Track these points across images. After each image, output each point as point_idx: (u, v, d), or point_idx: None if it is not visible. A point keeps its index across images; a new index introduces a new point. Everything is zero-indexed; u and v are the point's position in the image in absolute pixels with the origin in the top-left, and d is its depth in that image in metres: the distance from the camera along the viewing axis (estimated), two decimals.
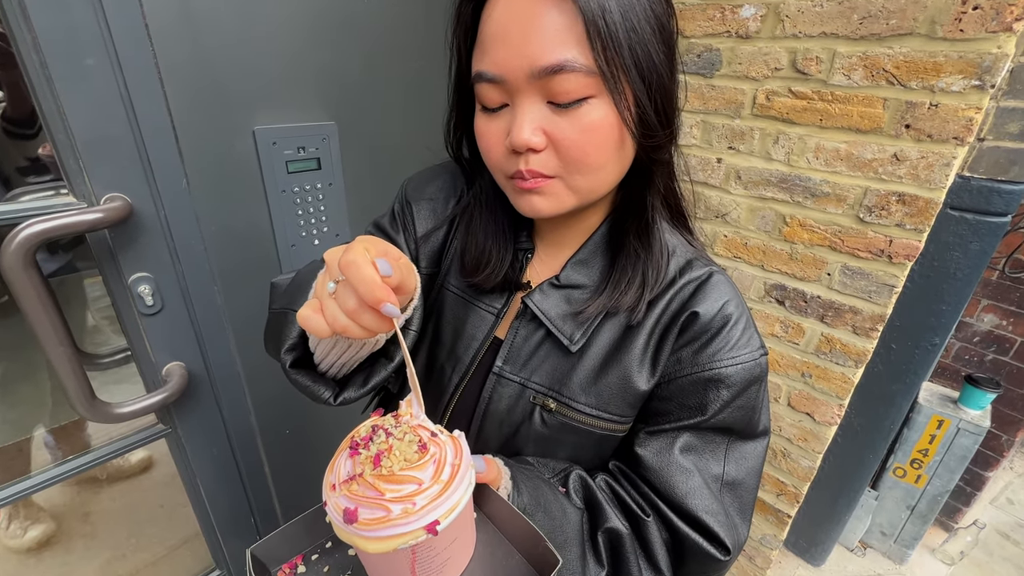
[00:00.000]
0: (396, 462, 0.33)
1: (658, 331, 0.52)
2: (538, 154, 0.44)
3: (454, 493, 0.33)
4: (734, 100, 1.10)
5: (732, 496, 0.51)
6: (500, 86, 0.43)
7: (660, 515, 0.50)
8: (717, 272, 0.53)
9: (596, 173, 0.46)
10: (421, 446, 0.35)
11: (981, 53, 0.81)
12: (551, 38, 0.39)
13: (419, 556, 0.34)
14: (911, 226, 0.95)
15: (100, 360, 1.12)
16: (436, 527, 0.32)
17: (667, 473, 0.50)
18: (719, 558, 0.48)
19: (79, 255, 1.54)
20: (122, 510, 1.68)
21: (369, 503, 0.32)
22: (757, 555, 1.44)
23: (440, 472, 0.34)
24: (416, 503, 0.32)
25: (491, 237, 0.56)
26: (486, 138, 0.47)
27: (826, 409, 1.18)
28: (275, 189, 0.93)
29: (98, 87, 0.69)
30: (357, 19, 0.94)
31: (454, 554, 0.37)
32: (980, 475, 1.88)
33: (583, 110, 0.42)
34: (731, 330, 0.50)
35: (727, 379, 0.49)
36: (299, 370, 0.46)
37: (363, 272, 0.33)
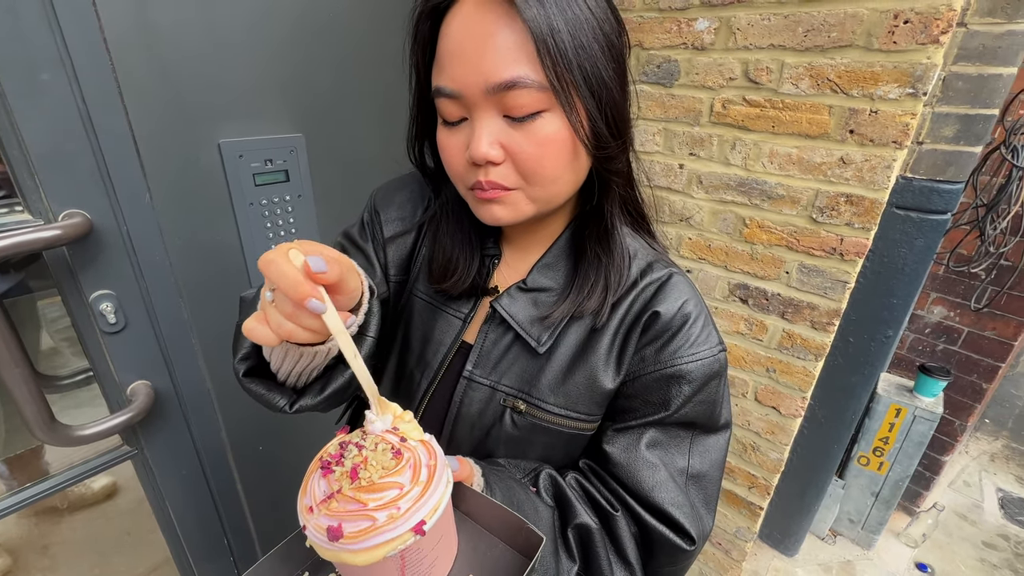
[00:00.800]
0: (375, 471, 0.34)
1: (622, 331, 0.53)
2: (497, 167, 0.46)
3: (435, 492, 0.34)
4: (693, 108, 1.15)
5: (697, 488, 0.53)
6: (458, 101, 0.45)
7: (628, 509, 0.52)
8: (676, 273, 0.55)
9: (553, 184, 0.48)
10: (395, 452, 0.35)
11: (913, 63, 0.88)
12: (504, 56, 0.41)
13: (408, 560, 0.34)
14: (859, 225, 1.01)
15: (59, 382, 1.07)
16: (423, 527, 0.32)
17: (634, 468, 0.52)
18: (685, 548, 0.51)
19: (32, 274, 1.47)
20: (84, 540, 1.61)
21: (353, 516, 0.32)
22: (732, 548, 1.48)
23: (418, 475, 0.34)
24: (400, 507, 0.32)
25: (457, 244, 0.57)
26: (447, 151, 0.48)
27: (790, 402, 1.23)
28: (243, 202, 0.92)
29: (54, 102, 0.67)
30: (322, 31, 0.94)
31: (440, 554, 0.38)
32: (937, 460, 1.98)
33: (537, 124, 0.44)
34: (690, 328, 0.52)
35: (688, 375, 0.51)
36: (253, 379, 0.46)
37: (282, 269, 0.32)
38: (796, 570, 1.82)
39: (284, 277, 0.32)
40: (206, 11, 0.79)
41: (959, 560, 1.90)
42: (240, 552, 1.14)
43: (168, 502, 0.97)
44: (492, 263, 0.58)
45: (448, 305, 0.58)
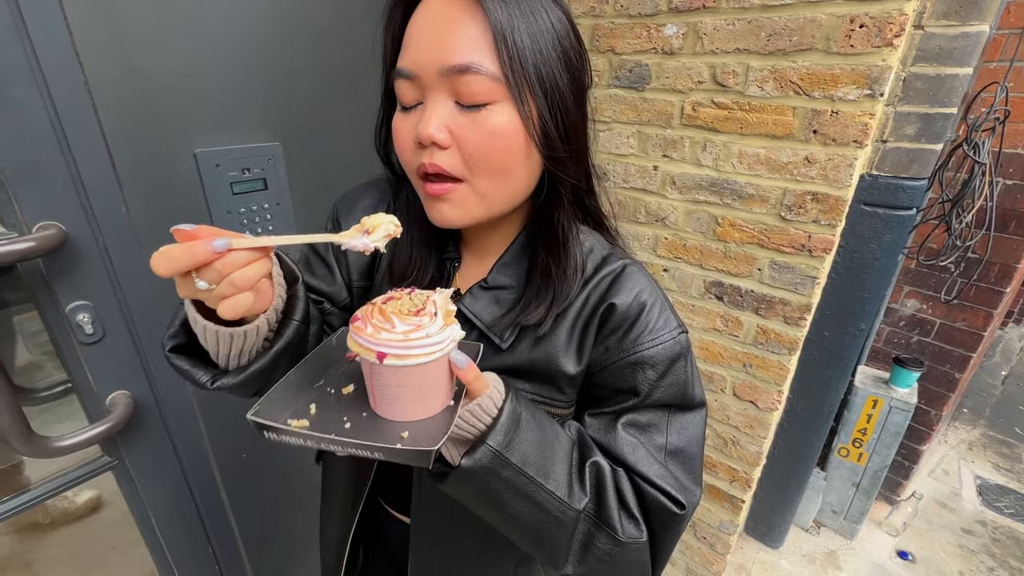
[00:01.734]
0: (394, 307, 0.43)
1: (580, 323, 0.55)
2: (443, 151, 0.47)
3: (409, 351, 0.40)
4: (664, 111, 1.18)
5: (676, 462, 0.55)
6: (414, 83, 0.46)
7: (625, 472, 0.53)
8: (630, 264, 0.57)
9: (501, 179, 0.49)
10: (417, 311, 0.43)
11: (869, 65, 0.91)
12: (462, 42, 0.44)
13: (374, 375, 0.43)
14: (826, 222, 1.05)
15: (37, 394, 1.07)
16: (382, 359, 0.40)
17: (615, 447, 0.53)
18: (676, 512, 0.52)
19: (6, 287, 1.46)
20: (69, 555, 1.58)
21: (365, 319, 0.42)
22: (716, 542, 1.51)
23: (411, 332, 0.41)
24: (380, 335, 0.41)
25: (416, 247, 0.59)
26: (399, 134, 0.50)
27: (767, 396, 1.26)
28: (220, 210, 0.93)
29: (26, 115, 0.68)
30: (297, 39, 0.96)
31: (401, 399, 0.44)
32: (915, 449, 2.03)
33: (486, 113, 0.45)
34: (647, 315, 0.53)
35: (650, 359, 0.53)
36: (178, 355, 0.46)
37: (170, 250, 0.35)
38: (781, 562, 1.85)
39: (178, 255, 0.35)
40: (179, 22, 0.80)
41: (939, 547, 1.95)
42: (226, 561, 1.14)
43: (151, 512, 0.97)
44: (453, 266, 0.60)
45: None
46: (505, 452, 0.44)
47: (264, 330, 0.45)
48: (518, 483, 0.45)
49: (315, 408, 0.45)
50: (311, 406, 0.46)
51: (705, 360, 1.33)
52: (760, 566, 1.83)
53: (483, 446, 0.44)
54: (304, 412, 0.45)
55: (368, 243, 0.43)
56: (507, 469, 0.45)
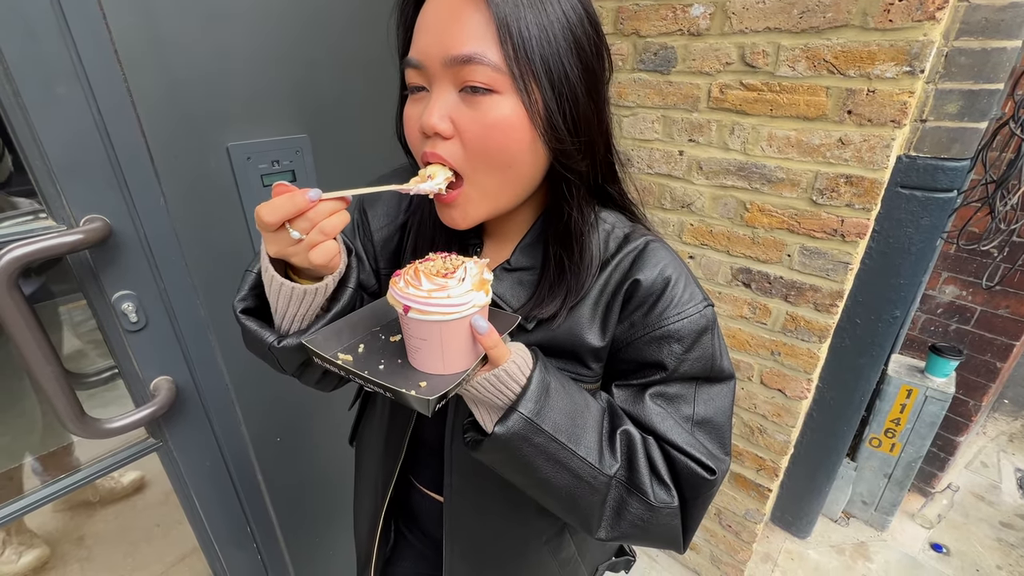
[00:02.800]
0: (427, 267, 0.47)
1: (603, 300, 0.55)
2: (445, 142, 0.47)
3: (430, 308, 0.44)
4: (691, 95, 1.15)
5: (703, 432, 0.55)
6: (421, 72, 0.47)
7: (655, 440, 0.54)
8: (653, 240, 0.56)
9: (502, 172, 0.49)
10: (446, 274, 0.46)
11: (909, 41, 0.88)
12: (466, 32, 0.44)
13: (402, 324, 0.48)
14: (860, 205, 1.01)
15: (86, 379, 1.13)
16: (407, 311, 0.44)
17: (644, 417, 0.54)
18: (707, 477, 0.52)
19: (52, 279, 1.54)
20: (117, 532, 1.68)
21: (401, 275, 0.47)
22: (743, 530, 1.50)
23: (435, 292, 0.44)
24: (408, 290, 0.45)
25: (439, 234, 0.60)
26: (407, 122, 0.51)
27: (796, 384, 1.24)
28: (252, 202, 0.96)
29: (71, 113, 0.71)
30: (322, 32, 0.97)
31: (423, 351, 0.47)
32: (952, 440, 1.97)
33: (490, 104, 0.45)
34: (672, 290, 0.53)
35: (676, 333, 0.53)
36: (249, 316, 0.51)
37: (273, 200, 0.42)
38: (809, 552, 1.83)
39: (281, 203, 0.42)
40: (210, 21, 0.82)
41: (975, 540, 1.89)
42: (263, 539, 1.19)
43: (193, 492, 1.02)
44: (475, 251, 0.61)
45: None
46: (536, 419, 0.46)
47: (329, 290, 0.49)
48: (550, 449, 0.47)
49: (363, 348, 0.51)
50: (360, 346, 0.51)
51: (732, 348, 1.32)
52: (787, 555, 1.81)
53: (515, 413, 0.45)
54: (353, 350, 0.50)
55: (432, 187, 0.48)
56: (539, 436, 0.46)
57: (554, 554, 0.67)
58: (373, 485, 0.73)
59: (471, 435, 0.50)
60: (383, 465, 0.70)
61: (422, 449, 0.67)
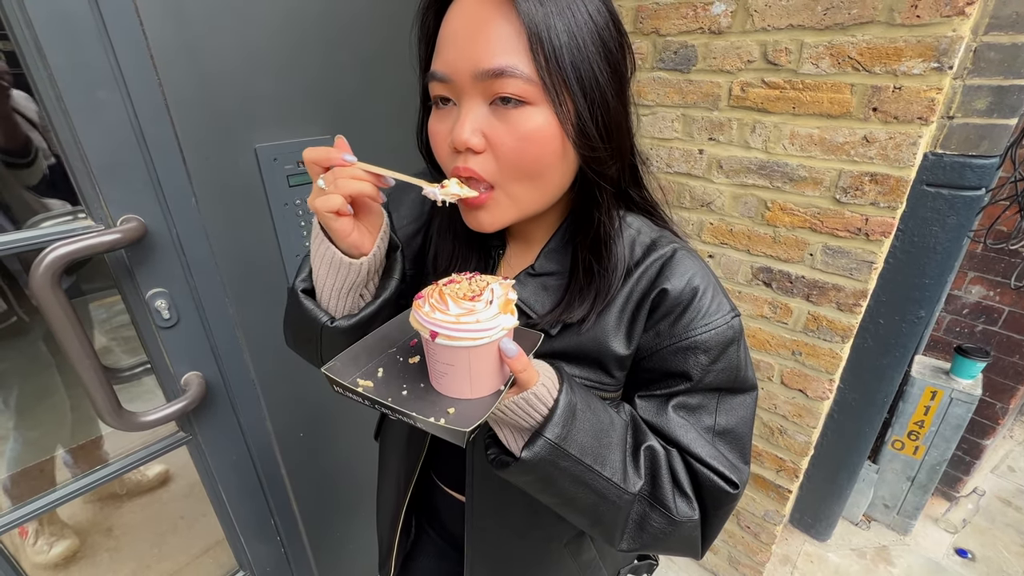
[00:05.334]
0: (452, 290, 0.46)
1: (630, 307, 0.54)
2: (477, 155, 0.47)
3: (458, 333, 0.43)
4: (711, 93, 1.15)
5: (724, 442, 0.55)
6: (449, 86, 0.46)
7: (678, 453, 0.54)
8: (680, 248, 0.55)
9: (534, 182, 0.48)
10: (472, 297, 0.45)
11: (938, 37, 0.86)
12: (496, 44, 0.43)
13: (428, 350, 0.47)
14: (885, 204, 1.00)
15: (120, 374, 1.17)
16: (434, 337, 0.43)
17: (667, 428, 0.54)
18: (729, 491, 0.52)
19: (83, 278, 1.58)
20: (144, 523, 1.73)
21: (425, 298, 0.46)
22: (761, 531, 1.49)
23: (463, 316, 0.43)
24: (436, 315, 0.44)
25: (460, 239, 0.60)
26: (435, 137, 0.50)
27: (817, 385, 1.22)
28: (278, 203, 0.98)
29: (110, 117, 0.73)
30: (346, 35, 0.99)
31: (450, 376, 0.46)
32: (978, 444, 1.92)
33: (522, 116, 0.44)
34: (700, 300, 0.52)
35: (703, 344, 0.52)
36: (307, 296, 0.54)
37: (318, 149, 0.47)
38: (829, 555, 1.81)
39: (320, 150, 0.47)
40: (241, 29, 0.85)
41: (1002, 546, 1.85)
42: (286, 532, 1.21)
43: (220, 485, 1.05)
44: (498, 254, 0.61)
45: None
46: (563, 444, 0.45)
47: (364, 272, 0.51)
48: (576, 472, 0.46)
49: (382, 372, 0.49)
50: (379, 370, 0.49)
51: (752, 348, 1.31)
52: (806, 558, 1.79)
53: (541, 439, 0.44)
54: (372, 375, 0.49)
55: (437, 194, 0.48)
56: (565, 459, 0.46)
57: (574, 556, 0.67)
58: (395, 480, 0.74)
59: (494, 453, 0.49)
60: (405, 461, 0.70)
61: (444, 448, 0.67)
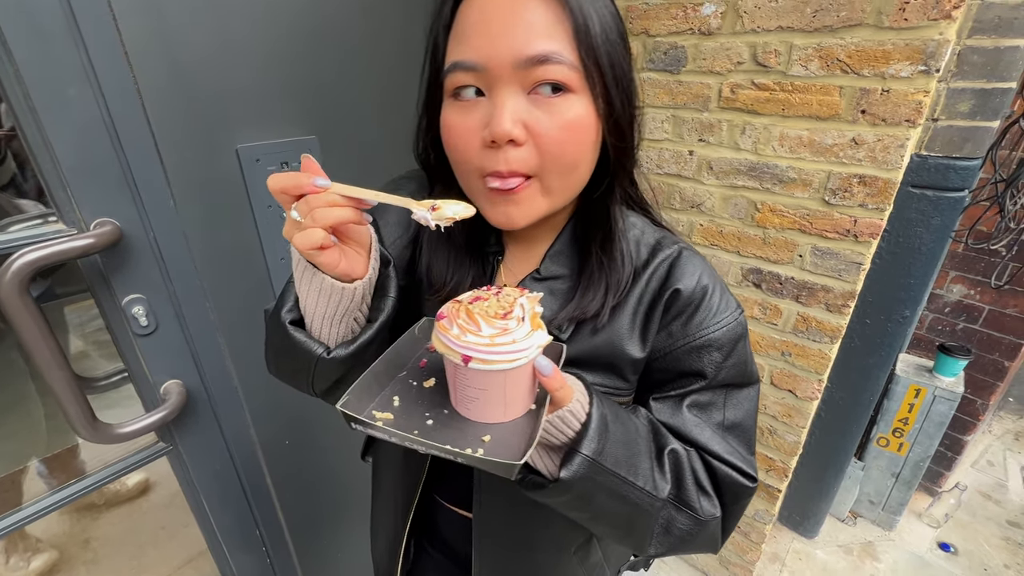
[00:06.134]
0: (481, 308, 0.43)
1: (642, 308, 0.55)
2: (518, 149, 0.44)
3: (493, 355, 0.40)
4: (701, 94, 1.14)
5: (734, 436, 0.56)
6: (479, 75, 0.43)
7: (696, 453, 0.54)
8: (685, 249, 0.56)
9: (570, 173, 0.47)
10: (504, 315, 0.43)
11: (925, 40, 0.87)
12: (537, 30, 0.41)
13: (457, 375, 0.44)
14: (873, 205, 1.01)
15: (95, 383, 1.12)
16: (467, 362, 0.40)
17: (684, 428, 0.54)
18: (748, 485, 0.53)
19: (57, 281, 1.53)
20: (123, 534, 1.68)
21: (451, 318, 0.43)
22: (752, 531, 1.50)
23: (497, 336, 0.41)
24: (466, 337, 0.41)
25: (455, 246, 0.57)
26: (457, 132, 0.46)
27: (807, 385, 1.23)
28: (261, 204, 0.95)
29: (81, 116, 0.70)
30: (331, 33, 0.96)
31: (482, 401, 0.44)
32: (959, 439, 1.96)
33: (563, 105, 0.43)
34: (711, 299, 0.54)
35: (716, 342, 0.53)
36: (297, 328, 0.48)
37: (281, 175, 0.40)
38: (817, 552, 1.83)
39: (286, 177, 0.40)
40: (219, 23, 0.82)
41: (983, 539, 1.89)
42: (272, 541, 1.18)
43: (203, 496, 1.01)
44: (496, 260, 0.59)
45: None
46: (599, 459, 0.44)
47: (359, 296, 0.47)
48: (612, 485, 0.46)
49: (398, 400, 0.46)
50: (394, 398, 0.46)
51: None
52: (794, 555, 1.81)
53: (579, 456, 0.43)
54: (388, 404, 0.45)
55: (429, 219, 0.43)
56: (602, 474, 0.45)
57: (582, 562, 0.66)
58: (392, 503, 0.71)
59: (523, 474, 0.47)
60: (403, 483, 0.67)
61: (449, 467, 0.64)
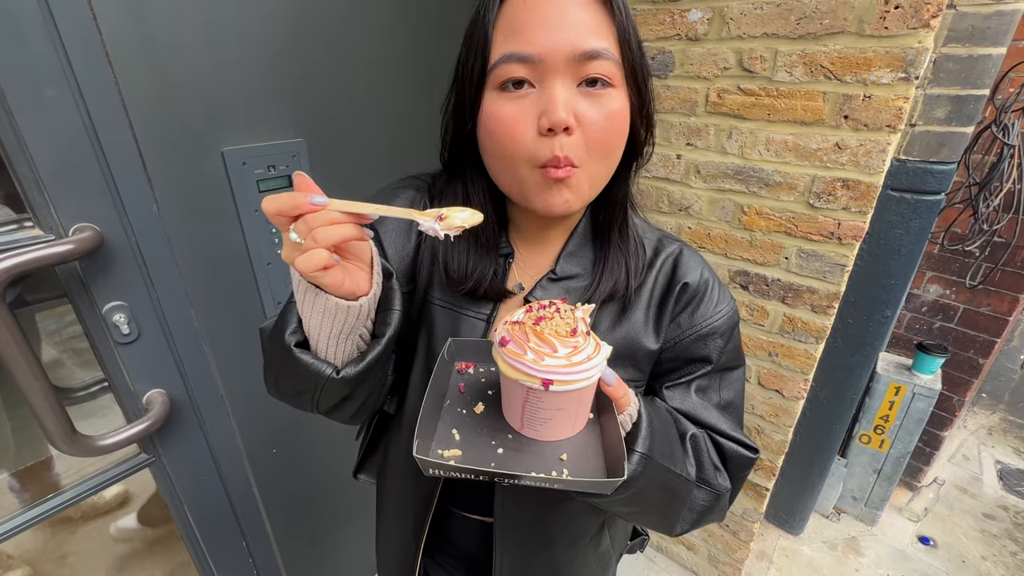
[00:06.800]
0: (549, 328, 0.43)
1: (654, 302, 0.59)
2: (570, 137, 0.46)
3: (572, 374, 0.40)
4: (688, 99, 1.16)
5: (729, 413, 0.61)
6: (533, 67, 0.45)
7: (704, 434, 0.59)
8: (683, 246, 0.62)
9: (608, 161, 0.51)
10: (571, 331, 0.43)
11: (905, 48, 0.89)
12: (590, 27, 0.45)
13: (530, 399, 0.43)
14: (856, 208, 1.03)
15: (72, 394, 1.08)
16: (548, 385, 0.40)
17: (694, 412, 0.59)
18: (752, 456, 0.59)
19: (28, 288, 1.47)
20: (101, 548, 1.62)
21: (517, 341, 0.42)
22: (740, 529, 1.51)
23: (573, 355, 0.41)
24: (544, 360, 0.40)
25: (475, 246, 0.57)
26: (508, 122, 0.47)
27: (793, 385, 1.25)
28: (247, 208, 0.93)
29: (60, 117, 0.68)
30: (319, 36, 0.95)
31: (556, 420, 0.44)
32: (937, 435, 2.02)
33: (607, 97, 0.47)
34: (712, 291, 0.59)
35: (719, 329, 0.59)
36: (303, 350, 0.47)
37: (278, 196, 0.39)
38: (802, 548, 1.86)
39: (282, 199, 0.39)
40: (204, 22, 0.80)
41: (960, 532, 1.94)
42: (259, 555, 1.16)
43: (187, 507, 0.99)
44: (507, 262, 0.59)
45: (468, 308, 0.58)
46: (652, 454, 0.47)
47: (363, 315, 0.46)
48: (662, 477, 0.48)
49: (458, 434, 0.46)
50: (453, 431, 0.46)
51: None
52: (781, 552, 1.83)
53: (636, 454, 0.45)
54: (449, 440, 0.45)
55: (438, 229, 0.43)
56: (655, 470, 0.47)
57: (595, 549, 0.69)
58: (402, 520, 0.70)
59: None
60: (415, 498, 0.66)
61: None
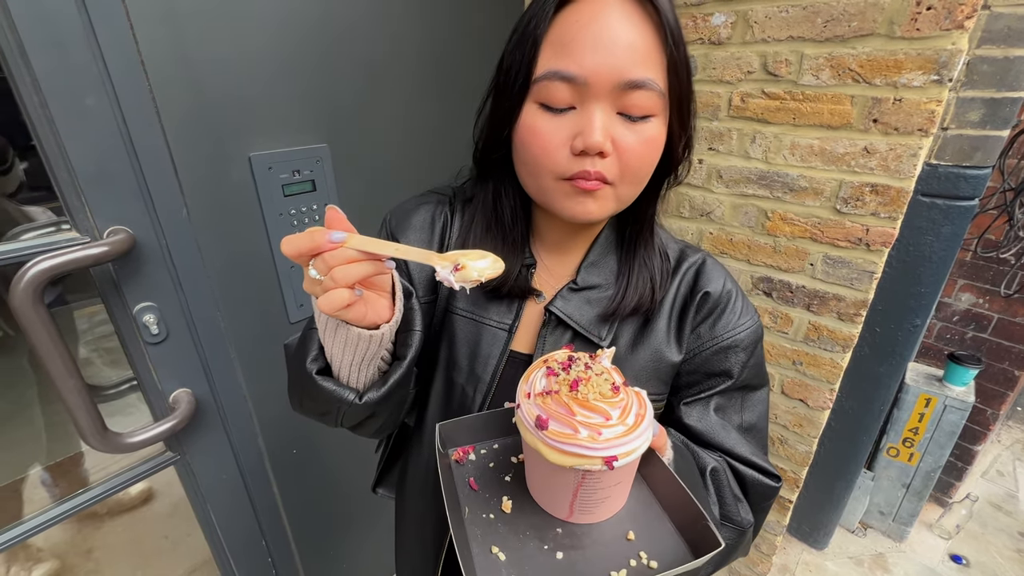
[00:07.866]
0: (591, 391, 0.37)
1: (676, 312, 0.58)
2: (604, 159, 0.47)
3: (636, 439, 0.36)
4: (711, 103, 1.14)
5: (751, 437, 0.59)
6: (577, 88, 0.45)
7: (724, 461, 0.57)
8: (707, 256, 0.61)
9: (639, 185, 0.51)
10: (613, 387, 0.38)
11: (937, 50, 0.87)
12: (641, 55, 0.44)
13: (585, 483, 0.37)
14: (885, 214, 1.00)
15: (102, 392, 1.12)
16: (613, 462, 0.34)
17: (712, 433, 0.57)
18: (774, 485, 0.57)
19: (68, 287, 1.52)
20: (126, 544, 1.66)
21: (560, 417, 0.36)
22: (762, 542, 1.48)
23: (626, 416, 0.36)
24: (602, 433, 0.34)
25: (500, 245, 0.57)
26: (545, 138, 0.47)
27: (818, 394, 1.22)
28: (272, 212, 0.95)
29: (97, 124, 0.70)
30: (344, 43, 0.96)
31: (612, 495, 0.40)
32: (969, 449, 1.94)
33: (646, 125, 0.47)
34: (735, 303, 0.58)
35: (742, 343, 0.57)
36: (325, 377, 0.47)
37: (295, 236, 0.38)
38: (827, 563, 1.80)
39: (300, 240, 0.38)
40: (234, 32, 0.82)
41: (995, 551, 1.86)
42: (277, 551, 1.17)
43: (209, 505, 1.00)
44: (529, 272, 0.58)
45: (489, 318, 0.58)
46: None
47: (386, 341, 0.46)
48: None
49: (501, 553, 0.38)
50: (493, 550, 0.38)
51: None
52: (804, 567, 1.78)
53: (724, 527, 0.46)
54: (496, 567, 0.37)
55: (453, 281, 0.40)
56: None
57: None
58: (422, 540, 0.69)
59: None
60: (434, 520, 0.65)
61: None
